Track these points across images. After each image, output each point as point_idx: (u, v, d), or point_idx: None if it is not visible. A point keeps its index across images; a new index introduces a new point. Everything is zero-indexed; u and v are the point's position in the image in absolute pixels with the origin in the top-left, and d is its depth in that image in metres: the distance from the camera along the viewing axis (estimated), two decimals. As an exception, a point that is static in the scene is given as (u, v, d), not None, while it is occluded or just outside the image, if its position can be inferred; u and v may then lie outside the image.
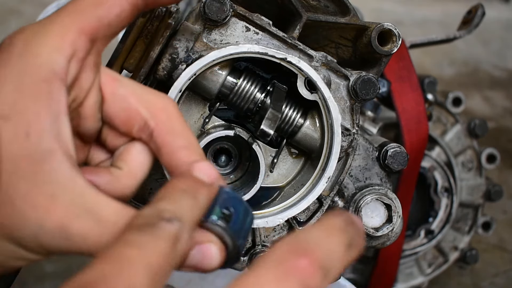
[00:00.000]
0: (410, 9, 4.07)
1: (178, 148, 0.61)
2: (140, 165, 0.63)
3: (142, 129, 0.62)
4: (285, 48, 0.85)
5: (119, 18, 0.60)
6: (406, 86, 1.46)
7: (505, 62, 3.45)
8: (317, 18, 0.89)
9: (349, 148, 0.89)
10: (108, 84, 0.62)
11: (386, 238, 0.97)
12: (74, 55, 0.57)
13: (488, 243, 2.00)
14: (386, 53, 0.90)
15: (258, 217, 0.86)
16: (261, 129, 0.82)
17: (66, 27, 0.57)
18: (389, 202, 0.94)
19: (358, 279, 1.60)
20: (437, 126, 1.64)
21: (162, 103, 0.63)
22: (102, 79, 0.62)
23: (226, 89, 0.86)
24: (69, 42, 0.57)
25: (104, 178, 0.61)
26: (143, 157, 0.63)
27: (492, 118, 2.77)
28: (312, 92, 0.85)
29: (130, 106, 0.62)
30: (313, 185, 0.87)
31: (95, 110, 0.61)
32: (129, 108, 0.62)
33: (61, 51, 0.56)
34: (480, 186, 1.65)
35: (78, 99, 0.60)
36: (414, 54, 1.51)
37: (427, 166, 1.57)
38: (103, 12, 0.59)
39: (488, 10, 1.65)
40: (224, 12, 0.81)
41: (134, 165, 0.63)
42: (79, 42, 0.58)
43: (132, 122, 0.62)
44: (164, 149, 0.61)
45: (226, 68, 0.85)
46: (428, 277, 1.66)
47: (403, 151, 0.94)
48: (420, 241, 1.59)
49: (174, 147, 0.61)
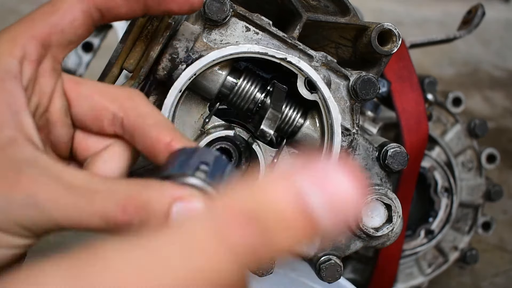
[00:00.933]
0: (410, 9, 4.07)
1: (149, 127, 0.61)
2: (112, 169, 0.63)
3: (112, 122, 0.63)
4: (285, 48, 0.85)
5: (72, 25, 0.63)
6: (406, 86, 1.46)
7: (505, 62, 3.45)
8: (317, 18, 0.89)
9: (349, 148, 0.89)
10: (72, 88, 0.64)
11: (386, 238, 0.97)
12: (25, 58, 0.59)
13: (488, 243, 2.00)
14: (386, 53, 0.90)
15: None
16: (261, 129, 0.82)
17: (17, 33, 0.60)
18: (389, 202, 0.94)
19: (358, 279, 1.60)
20: (437, 126, 1.64)
21: (127, 93, 0.64)
22: (65, 85, 0.64)
23: (226, 89, 0.86)
24: (19, 46, 0.59)
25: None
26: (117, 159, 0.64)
27: (492, 118, 2.77)
28: (312, 92, 0.85)
29: (96, 104, 0.63)
30: (313, 185, 0.87)
31: (62, 115, 0.63)
32: (95, 106, 0.63)
33: (12, 54, 0.58)
34: (480, 186, 1.65)
35: (42, 105, 0.61)
36: (414, 54, 1.51)
37: (427, 166, 1.57)
38: (55, 19, 0.62)
39: (488, 10, 1.65)
40: (224, 12, 0.81)
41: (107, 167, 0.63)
42: (30, 46, 0.60)
43: (101, 118, 0.63)
44: (136, 132, 0.62)
45: (226, 68, 0.85)
46: (428, 277, 1.66)
47: (403, 151, 0.94)
48: (420, 241, 1.59)
49: (145, 128, 0.61)
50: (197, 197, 0.54)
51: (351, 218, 0.38)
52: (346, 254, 0.98)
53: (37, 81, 0.61)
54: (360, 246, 0.98)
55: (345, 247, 0.98)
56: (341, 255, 0.98)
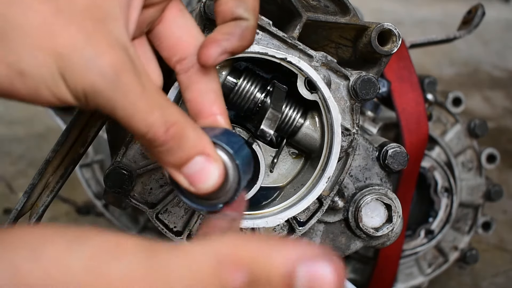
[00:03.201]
0: (410, 9, 4.08)
1: (208, 90, 0.66)
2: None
3: (180, 62, 0.66)
4: (285, 48, 0.85)
5: None
6: (406, 86, 1.46)
7: (505, 62, 3.45)
8: (317, 18, 0.89)
9: (349, 148, 0.89)
10: (173, 12, 0.67)
11: (386, 238, 0.97)
12: None
13: (488, 243, 2.00)
14: (386, 53, 0.90)
15: (258, 217, 0.86)
16: (261, 129, 0.82)
17: None
18: (389, 202, 0.94)
19: (358, 279, 1.60)
20: (437, 126, 1.64)
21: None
22: (170, 5, 0.66)
23: (226, 89, 0.86)
24: None
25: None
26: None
27: (492, 118, 2.77)
28: (312, 92, 0.85)
29: (182, 37, 0.66)
30: (313, 185, 0.87)
31: (146, 22, 0.65)
32: (180, 38, 0.66)
33: None
34: (480, 186, 1.65)
35: (144, 3, 0.64)
36: (414, 54, 1.51)
37: (427, 166, 1.57)
38: None
39: (488, 10, 1.65)
40: (224, 12, 0.81)
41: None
42: None
43: (175, 50, 0.66)
44: (194, 86, 0.66)
45: (226, 68, 0.85)
46: (428, 277, 1.66)
47: (403, 151, 0.94)
48: (420, 241, 1.59)
49: (205, 88, 0.66)
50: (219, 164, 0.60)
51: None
52: (346, 254, 0.98)
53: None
54: (360, 246, 0.98)
55: (345, 247, 0.98)
56: (341, 255, 0.98)
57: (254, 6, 0.65)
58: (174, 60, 0.67)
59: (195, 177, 0.59)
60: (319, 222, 0.96)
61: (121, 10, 0.58)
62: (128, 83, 0.55)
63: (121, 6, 0.58)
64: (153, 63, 0.68)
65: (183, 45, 0.66)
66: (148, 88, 0.57)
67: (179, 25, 0.67)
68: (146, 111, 0.56)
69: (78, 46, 0.53)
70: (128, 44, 0.57)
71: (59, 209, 2.04)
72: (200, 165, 0.59)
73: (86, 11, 0.55)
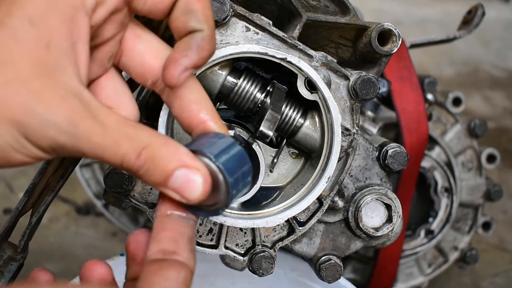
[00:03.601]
0: (410, 9, 4.07)
1: (190, 101, 0.67)
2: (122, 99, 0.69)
3: (155, 84, 0.67)
4: (285, 48, 0.85)
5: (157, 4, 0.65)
6: (406, 86, 1.46)
7: (505, 62, 3.45)
8: (317, 18, 0.89)
9: (349, 148, 0.89)
10: (130, 40, 0.68)
11: (386, 238, 0.97)
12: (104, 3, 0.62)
13: (488, 243, 2.00)
14: (386, 53, 0.90)
15: (258, 217, 0.86)
16: (260, 131, 0.82)
17: None
18: (389, 202, 0.94)
19: (358, 279, 1.60)
20: (437, 126, 1.64)
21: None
22: (126, 34, 0.68)
23: (226, 89, 0.86)
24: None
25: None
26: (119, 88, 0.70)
27: (492, 118, 2.77)
28: (312, 92, 0.85)
29: (145, 63, 0.68)
30: (313, 185, 0.87)
31: (105, 59, 0.67)
32: (144, 65, 0.68)
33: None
34: (480, 186, 1.65)
35: (95, 43, 0.65)
36: (414, 54, 1.51)
37: (427, 166, 1.57)
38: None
39: (488, 10, 1.65)
40: (224, 12, 0.81)
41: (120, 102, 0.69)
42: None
43: (146, 76, 0.68)
44: (175, 102, 0.67)
45: (226, 68, 0.85)
46: (428, 277, 1.66)
47: (403, 151, 0.94)
48: (420, 241, 1.59)
49: (186, 101, 0.67)
50: (201, 172, 0.60)
51: None
52: (346, 254, 0.98)
53: (101, 26, 0.64)
54: (360, 246, 0.98)
55: (345, 247, 0.98)
56: (341, 255, 0.98)
57: (206, 14, 0.65)
58: (148, 85, 0.68)
59: (182, 189, 0.60)
60: (319, 222, 0.96)
61: (68, 58, 0.60)
62: (87, 129, 0.58)
63: (66, 54, 0.60)
64: (125, 95, 0.69)
65: (150, 69, 0.67)
66: (109, 125, 0.60)
67: (140, 51, 0.68)
68: (113, 146, 0.59)
69: (31, 109, 0.57)
70: (81, 89, 0.60)
71: (59, 209, 2.04)
72: (183, 177, 0.60)
73: (32, 71, 0.58)
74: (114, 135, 0.59)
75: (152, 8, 0.65)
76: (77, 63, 0.61)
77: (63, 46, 0.59)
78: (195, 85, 0.68)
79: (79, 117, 0.58)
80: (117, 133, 0.60)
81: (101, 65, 0.67)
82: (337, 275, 0.95)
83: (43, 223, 1.57)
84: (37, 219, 0.88)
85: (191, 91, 0.67)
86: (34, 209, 0.90)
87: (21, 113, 0.57)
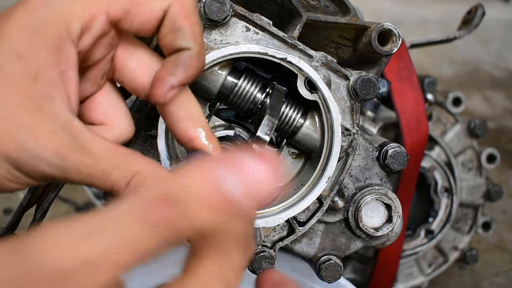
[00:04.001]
0: (410, 9, 4.08)
1: (180, 119, 0.68)
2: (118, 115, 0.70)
3: (149, 97, 0.68)
4: (285, 48, 0.85)
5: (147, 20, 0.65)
6: (406, 86, 1.46)
7: (505, 62, 3.45)
8: (317, 18, 0.89)
9: (349, 148, 0.89)
10: (121, 58, 0.68)
11: (386, 238, 0.97)
12: (90, 29, 0.62)
13: (488, 243, 2.00)
14: (386, 53, 0.90)
15: (258, 217, 0.86)
16: (257, 136, 0.82)
17: (95, 3, 0.62)
18: (389, 202, 0.94)
19: (358, 279, 1.60)
20: (437, 126, 1.64)
21: None
22: (117, 53, 0.68)
23: (226, 89, 0.86)
24: (90, 16, 0.62)
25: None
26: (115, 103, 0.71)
27: (492, 118, 2.77)
28: (312, 92, 0.85)
29: (137, 80, 0.68)
30: (313, 185, 0.87)
31: (98, 77, 0.68)
32: (135, 81, 0.68)
33: (80, 20, 0.61)
34: (480, 186, 1.65)
35: (86, 64, 0.66)
36: (414, 54, 1.51)
37: (427, 166, 1.57)
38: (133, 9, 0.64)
39: (488, 10, 1.65)
40: (224, 12, 0.81)
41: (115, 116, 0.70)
42: (99, 20, 0.63)
43: (139, 91, 0.69)
44: (167, 118, 0.68)
45: (226, 68, 0.85)
46: (428, 277, 1.66)
47: (403, 151, 0.94)
48: (420, 241, 1.59)
49: (176, 118, 0.68)
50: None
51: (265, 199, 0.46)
52: (346, 254, 0.98)
53: (90, 50, 0.65)
54: (360, 246, 0.98)
55: (345, 247, 0.98)
56: (341, 255, 0.98)
57: (194, 32, 0.65)
58: (142, 97, 0.69)
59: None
60: (319, 222, 0.96)
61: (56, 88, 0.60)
62: (76, 161, 0.60)
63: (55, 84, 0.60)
64: (120, 111, 0.70)
65: (141, 85, 0.68)
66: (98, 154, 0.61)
67: (131, 68, 0.69)
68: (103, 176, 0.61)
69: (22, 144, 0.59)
70: (70, 119, 0.61)
71: (59, 209, 2.04)
72: None
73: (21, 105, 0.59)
74: (103, 165, 0.61)
75: (140, 28, 0.65)
76: (67, 91, 0.61)
77: (51, 76, 0.60)
78: (186, 100, 0.68)
79: (68, 150, 0.60)
80: (106, 163, 0.61)
81: (94, 83, 0.68)
82: (337, 275, 0.95)
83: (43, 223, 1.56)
84: (41, 215, 0.89)
85: (181, 107, 0.68)
86: (38, 205, 0.91)
87: (12, 148, 0.59)
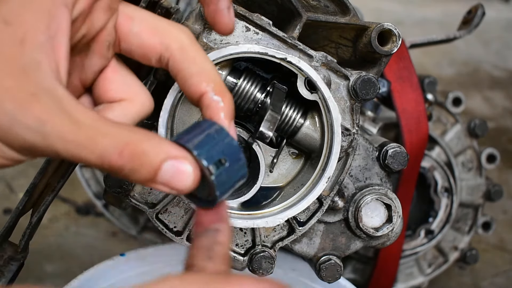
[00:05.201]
0: (410, 9, 4.08)
1: (190, 75, 0.66)
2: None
3: (159, 61, 0.67)
4: (285, 48, 0.85)
5: None
6: (406, 86, 1.46)
7: (505, 62, 3.45)
8: (317, 18, 0.89)
9: (349, 148, 0.89)
10: (124, 24, 0.66)
11: (386, 238, 0.97)
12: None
13: (488, 243, 2.00)
14: (386, 53, 0.90)
15: (258, 217, 0.86)
16: (260, 131, 0.82)
17: None
18: (389, 202, 0.94)
19: (358, 279, 1.60)
20: (437, 126, 1.64)
21: (175, 33, 0.67)
22: (118, 20, 0.66)
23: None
24: None
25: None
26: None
27: (492, 118, 2.77)
28: (312, 92, 0.85)
29: (144, 43, 0.66)
30: (313, 185, 0.87)
31: (104, 48, 0.66)
32: (143, 44, 0.66)
33: None
34: (480, 186, 1.65)
35: (89, 35, 0.64)
36: (414, 54, 1.51)
37: (427, 166, 1.57)
38: None
39: (488, 10, 1.65)
40: (224, 12, 0.81)
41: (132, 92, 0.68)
42: None
43: (149, 56, 0.67)
44: (179, 75, 0.66)
45: (226, 68, 0.85)
46: (428, 277, 1.66)
47: (403, 151, 0.94)
48: (420, 241, 1.59)
49: (187, 74, 0.66)
50: (189, 160, 0.58)
51: None
52: (346, 254, 0.98)
53: (90, 15, 0.62)
54: (360, 246, 0.98)
55: (345, 247, 0.98)
56: (341, 255, 0.98)
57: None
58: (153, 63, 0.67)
59: (172, 181, 0.58)
60: (319, 222, 0.96)
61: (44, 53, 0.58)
62: (57, 127, 0.56)
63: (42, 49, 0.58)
64: (135, 85, 0.69)
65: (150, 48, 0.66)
66: (83, 121, 0.57)
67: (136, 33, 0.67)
68: (89, 144, 0.56)
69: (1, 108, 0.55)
70: (55, 86, 0.58)
71: (59, 209, 2.04)
72: (172, 169, 0.58)
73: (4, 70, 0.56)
74: (89, 132, 0.56)
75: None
76: (56, 57, 0.59)
77: (39, 40, 0.57)
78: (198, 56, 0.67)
79: (49, 115, 0.56)
80: (92, 130, 0.57)
81: (101, 56, 0.66)
82: (337, 275, 0.95)
83: (43, 223, 1.57)
84: (37, 218, 0.88)
85: (192, 63, 0.66)
86: (35, 208, 0.91)
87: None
